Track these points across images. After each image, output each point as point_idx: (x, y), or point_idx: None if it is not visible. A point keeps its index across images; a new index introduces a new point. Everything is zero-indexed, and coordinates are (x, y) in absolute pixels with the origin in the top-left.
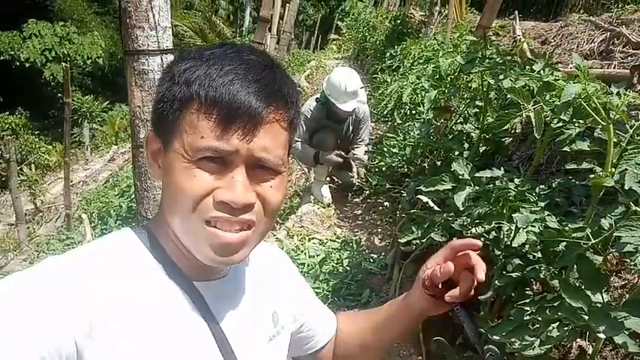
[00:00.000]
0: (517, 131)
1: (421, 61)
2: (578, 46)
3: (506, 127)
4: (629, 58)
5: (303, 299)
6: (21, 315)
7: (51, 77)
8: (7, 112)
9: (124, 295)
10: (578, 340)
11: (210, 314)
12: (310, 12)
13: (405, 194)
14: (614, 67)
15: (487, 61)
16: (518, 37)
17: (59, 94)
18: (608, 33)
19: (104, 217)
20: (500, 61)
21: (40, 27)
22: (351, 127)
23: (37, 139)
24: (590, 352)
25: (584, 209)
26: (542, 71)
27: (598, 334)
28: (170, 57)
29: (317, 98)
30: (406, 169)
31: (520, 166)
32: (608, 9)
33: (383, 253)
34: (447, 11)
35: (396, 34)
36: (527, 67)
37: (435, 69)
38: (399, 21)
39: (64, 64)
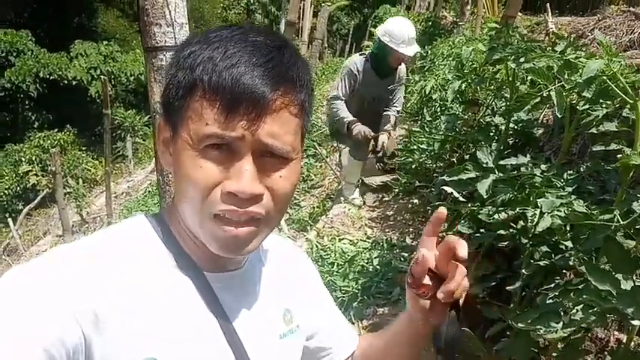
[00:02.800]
0: (549, 123)
1: (450, 58)
2: (616, 38)
3: (535, 118)
4: None
5: (322, 306)
6: (23, 307)
7: (96, 94)
8: (56, 130)
9: (133, 284)
10: (615, 332)
11: (219, 306)
12: (344, 20)
13: (433, 191)
14: None
15: (509, 47)
16: (551, 31)
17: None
18: None
19: None
20: (523, 47)
21: (85, 47)
22: (392, 86)
23: (83, 155)
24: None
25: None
26: (564, 52)
27: (632, 322)
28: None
29: (361, 53)
30: (435, 166)
31: (552, 157)
32: None
33: (414, 252)
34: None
35: (428, 36)
36: (548, 48)
37: (457, 59)
38: (430, 23)
39: (102, 77)
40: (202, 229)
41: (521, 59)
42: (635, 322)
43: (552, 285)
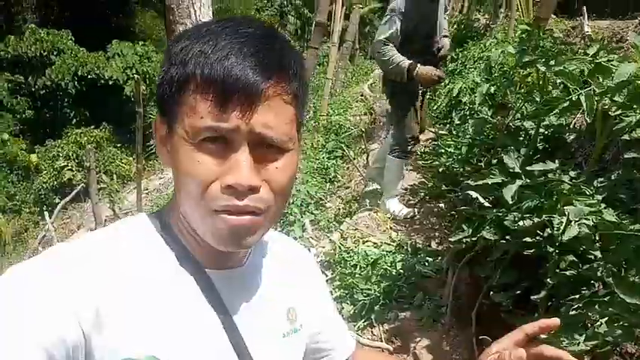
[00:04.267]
0: (582, 128)
1: (481, 61)
2: None
3: (567, 123)
4: None
5: (325, 307)
6: (23, 306)
7: (131, 93)
8: (93, 127)
9: (134, 282)
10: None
11: (221, 304)
12: (376, 24)
13: (459, 194)
14: None
15: (540, 49)
16: (587, 34)
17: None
18: None
19: None
20: (555, 50)
21: (122, 47)
22: (442, 11)
23: (118, 152)
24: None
25: None
26: (597, 55)
27: None
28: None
29: None
30: (462, 170)
31: (583, 163)
32: None
33: (440, 257)
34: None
35: (460, 39)
36: (580, 51)
37: (486, 62)
38: (462, 25)
39: (136, 76)
40: (202, 224)
41: (551, 62)
42: None
43: (578, 296)
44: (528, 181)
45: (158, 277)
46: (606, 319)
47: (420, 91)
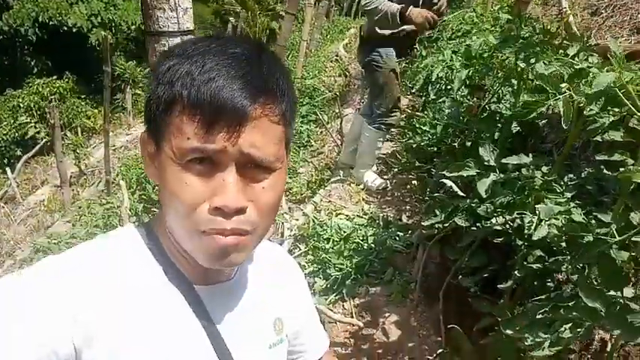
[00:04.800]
0: (555, 111)
1: (459, 34)
2: (631, 18)
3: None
4: None
5: (306, 312)
6: (14, 321)
7: (97, 42)
8: (55, 77)
9: (123, 296)
10: (600, 331)
11: (208, 317)
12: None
13: (432, 174)
14: None
15: (521, 41)
16: (564, 9)
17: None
18: None
19: (143, 183)
20: (536, 41)
21: None
22: None
23: (83, 103)
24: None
25: (617, 199)
26: (576, 56)
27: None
28: (190, 37)
29: None
30: (436, 149)
31: (554, 149)
32: None
33: (410, 231)
34: None
35: None
36: (560, 50)
37: (467, 47)
38: None
39: (103, 32)
40: (190, 243)
41: (532, 59)
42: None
43: (547, 293)
44: (502, 175)
45: (147, 292)
46: (570, 324)
47: (407, 54)
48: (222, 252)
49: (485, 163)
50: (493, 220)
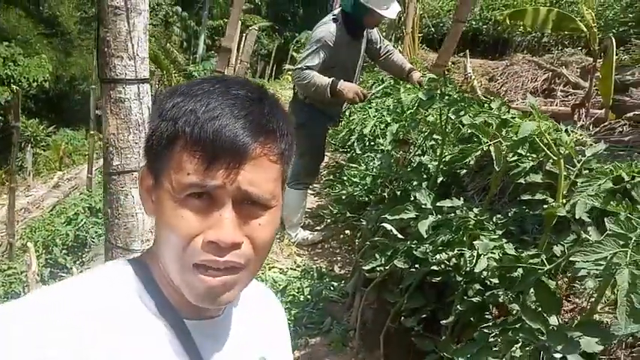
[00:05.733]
0: (471, 164)
1: (378, 95)
2: (523, 84)
3: (464, 160)
4: (569, 96)
5: (288, 349)
6: (9, 350)
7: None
8: None
9: (112, 330)
10: None
11: (197, 353)
12: (264, 41)
13: (364, 222)
14: (556, 105)
15: (446, 97)
16: (469, 75)
17: (1, 117)
18: (550, 73)
19: (49, 247)
20: (459, 98)
21: None
22: (364, 47)
23: None
24: None
25: (536, 237)
26: (498, 109)
27: (553, 354)
28: (146, 86)
29: (334, 17)
30: (366, 198)
31: (475, 196)
32: (549, 50)
33: (343, 281)
34: (401, 48)
35: None
36: (485, 104)
37: (396, 103)
38: None
39: (14, 87)
40: (181, 278)
41: (461, 112)
42: (557, 355)
43: (487, 323)
44: (439, 216)
45: (137, 326)
46: (520, 344)
47: (336, 119)
48: (211, 292)
49: (423, 207)
50: (435, 258)
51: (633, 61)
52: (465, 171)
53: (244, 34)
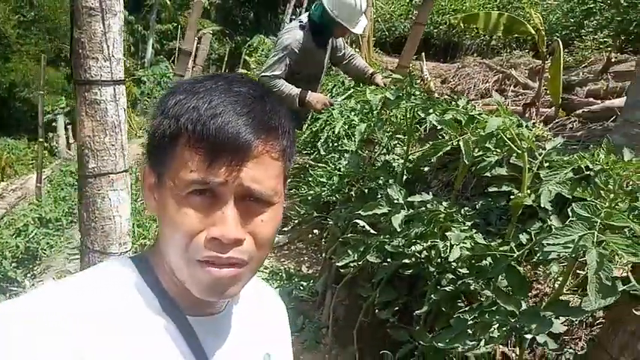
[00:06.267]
0: (433, 161)
1: (339, 96)
2: (475, 86)
3: (426, 157)
4: (519, 96)
5: (290, 348)
6: (9, 350)
7: None
8: None
9: (116, 327)
10: (500, 346)
11: (200, 350)
12: (215, 46)
13: (331, 222)
14: (507, 105)
15: (413, 97)
16: (425, 76)
17: None
18: (500, 74)
19: None
20: (425, 97)
21: None
22: (329, 54)
23: None
24: (513, 357)
25: (500, 228)
26: (465, 107)
27: (524, 336)
28: (122, 87)
29: (300, 24)
30: (334, 198)
31: (439, 191)
32: (498, 53)
33: (312, 281)
34: (357, 51)
35: None
36: (452, 103)
37: (363, 104)
38: None
39: None
40: (185, 273)
41: (430, 110)
42: (527, 336)
43: (460, 311)
44: (411, 210)
45: (141, 323)
46: (497, 325)
47: (302, 122)
48: (216, 284)
49: (395, 202)
50: (409, 250)
51: (577, 62)
52: (427, 168)
53: (197, 38)
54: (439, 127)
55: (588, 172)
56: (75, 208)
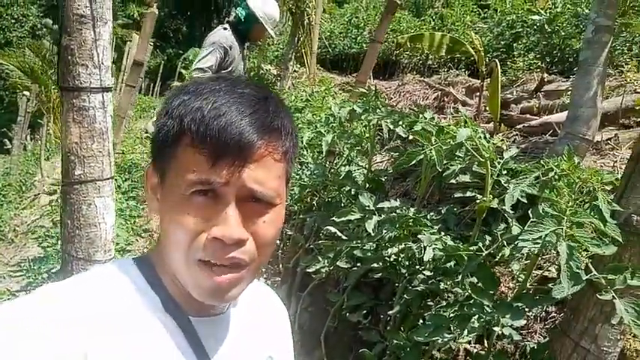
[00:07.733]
0: (389, 172)
1: (292, 110)
2: (416, 102)
3: (399, 165)
4: (459, 112)
5: (291, 352)
6: (13, 351)
7: None
8: None
9: (119, 328)
10: (464, 344)
11: (202, 350)
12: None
13: (289, 232)
14: (447, 120)
15: (379, 110)
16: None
17: None
18: (440, 92)
19: None
20: (390, 110)
21: None
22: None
23: None
24: (474, 352)
25: (461, 232)
26: (431, 119)
27: (493, 329)
28: (110, 95)
29: (224, 27)
30: (295, 207)
31: (397, 200)
32: (436, 72)
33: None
34: (298, 67)
35: None
36: (420, 115)
37: (328, 116)
38: (252, 73)
39: None
40: (187, 275)
41: (399, 122)
42: (496, 328)
43: (428, 307)
44: (382, 216)
45: (143, 324)
46: (476, 317)
47: None
48: (216, 289)
49: (367, 208)
50: (384, 253)
51: (510, 81)
52: (385, 178)
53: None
54: (404, 138)
55: (550, 177)
56: None
